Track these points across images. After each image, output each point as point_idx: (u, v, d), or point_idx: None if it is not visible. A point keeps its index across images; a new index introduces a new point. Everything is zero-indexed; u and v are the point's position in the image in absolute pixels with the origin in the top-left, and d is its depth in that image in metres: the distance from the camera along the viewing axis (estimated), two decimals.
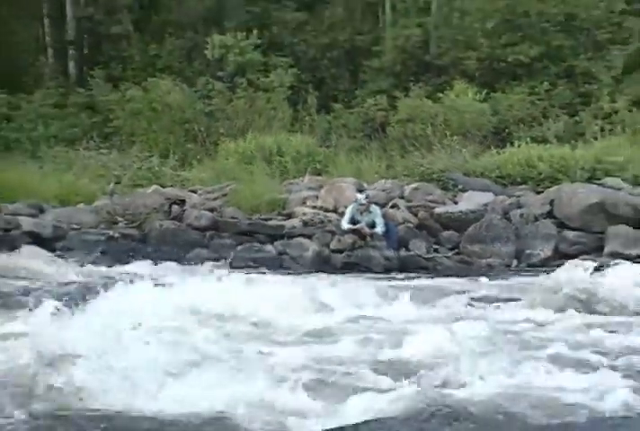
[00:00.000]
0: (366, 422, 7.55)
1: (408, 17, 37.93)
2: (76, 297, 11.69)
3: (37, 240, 21.97)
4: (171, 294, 12.58)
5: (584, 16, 35.59)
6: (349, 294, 14.01)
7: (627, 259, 17.86)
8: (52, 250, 21.00)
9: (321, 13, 39.45)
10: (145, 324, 10.32)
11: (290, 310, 12.67)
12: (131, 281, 12.80)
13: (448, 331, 10.67)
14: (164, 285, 13.29)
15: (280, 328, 11.66)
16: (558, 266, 16.92)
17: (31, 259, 18.95)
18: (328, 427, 7.54)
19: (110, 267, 18.50)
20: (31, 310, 10.95)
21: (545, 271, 17.30)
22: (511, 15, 35.79)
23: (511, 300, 14.47)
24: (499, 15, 35.83)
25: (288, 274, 18.29)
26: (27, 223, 23.00)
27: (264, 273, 17.37)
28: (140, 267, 18.73)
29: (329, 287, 14.64)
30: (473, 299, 14.07)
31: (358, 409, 7.95)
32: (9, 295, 13.56)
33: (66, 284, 15.41)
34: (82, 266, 18.96)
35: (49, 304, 10.71)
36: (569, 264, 15.52)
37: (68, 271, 17.76)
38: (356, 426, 7.46)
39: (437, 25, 37.18)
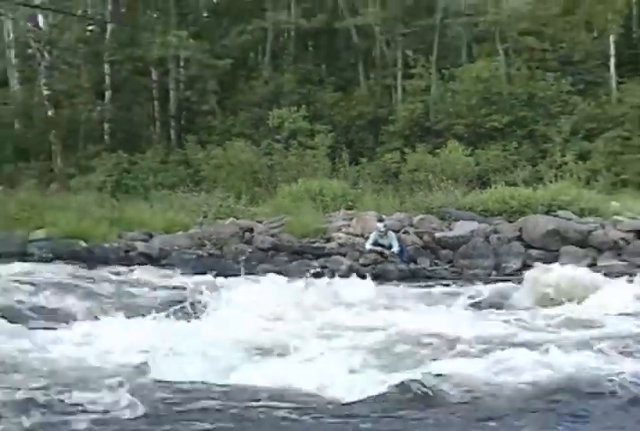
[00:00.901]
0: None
1: (414, 96, 38.15)
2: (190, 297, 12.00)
3: (148, 258, 22.48)
4: (269, 294, 12.68)
5: (542, 95, 35.92)
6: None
7: None
8: (159, 265, 21.44)
9: (351, 93, 39.71)
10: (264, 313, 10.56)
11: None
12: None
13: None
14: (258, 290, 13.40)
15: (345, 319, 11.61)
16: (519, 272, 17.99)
17: (145, 272, 19.27)
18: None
19: (200, 275, 18.61)
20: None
21: (515, 279, 17.98)
22: (488, 94, 36.13)
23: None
24: (479, 94, 36.12)
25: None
26: (141, 246, 23.51)
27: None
28: (221, 277, 18.78)
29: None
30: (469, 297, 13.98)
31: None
32: (148, 297, 13.38)
33: (174, 287, 15.61)
34: (182, 274, 19.23)
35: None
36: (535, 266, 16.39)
37: (173, 279, 18.00)
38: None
39: (435, 101, 37.39)
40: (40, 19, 39.85)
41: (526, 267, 21.38)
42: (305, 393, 7.60)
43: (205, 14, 44.52)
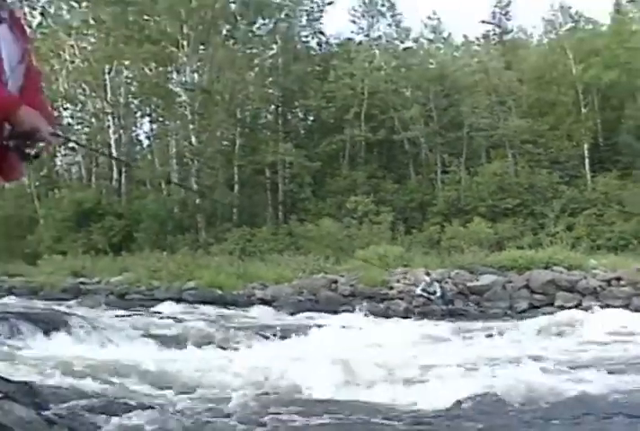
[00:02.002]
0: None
1: (450, 186, 38.15)
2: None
3: (264, 302, 22.56)
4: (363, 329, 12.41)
5: (539, 184, 36.23)
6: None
7: (568, 308, 19.42)
8: (272, 307, 21.47)
9: (405, 184, 39.76)
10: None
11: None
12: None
13: None
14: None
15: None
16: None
17: (262, 311, 19.30)
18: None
19: (300, 314, 18.52)
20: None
21: (525, 316, 17.85)
22: (501, 184, 36.16)
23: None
24: (495, 185, 36.11)
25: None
26: (259, 293, 23.74)
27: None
28: (316, 314, 18.69)
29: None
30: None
31: None
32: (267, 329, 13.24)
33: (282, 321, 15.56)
34: (290, 315, 19.11)
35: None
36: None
37: (283, 317, 17.96)
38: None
39: (464, 190, 37.29)
40: (193, 139, 40.31)
41: (532, 307, 21.54)
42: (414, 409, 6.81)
43: (302, 131, 44.79)
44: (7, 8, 3.70)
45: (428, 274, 23.36)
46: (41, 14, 45.25)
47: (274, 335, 11.25)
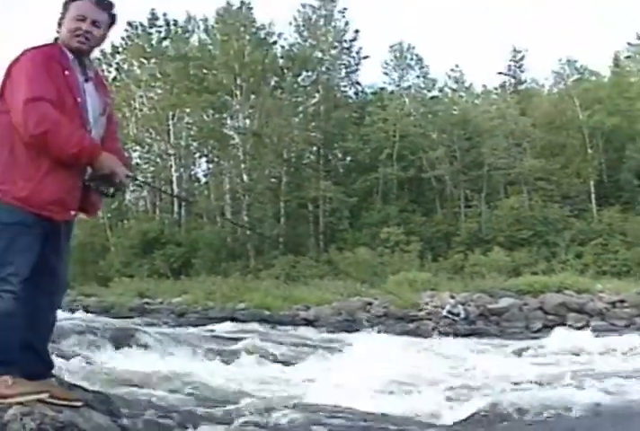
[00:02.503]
0: None
1: (472, 218, 37.96)
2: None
3: (307, 322, 22.50)
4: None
5: (551, 217, 35.91)
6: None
7: (578, 328, 19.18)
8: (313, 326, 21.37)
9: (432, 217, 39.66)
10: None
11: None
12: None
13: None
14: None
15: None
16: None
17: (305, 330, 19.16)
18: None
19: (340, 333, 18.35)
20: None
21: (539, 335, 17.61)
22: (518, 217, 36.01)
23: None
24: (513, 217, 35.96)
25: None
26: (302, 314, 23.75)
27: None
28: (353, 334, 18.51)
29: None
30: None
31: None
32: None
33: (324, 340, 15.38)
34: (330, 333, 18.95)
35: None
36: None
37: (324, 335, 17.78)
38: None
39: (485, 222, 37.13)
40: (245, 177, 40.64)
41: (545, 327, 21.28)
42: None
43: (341, 170, 44.91)
44: (94, 68, 3.86)
45: (453, 297, 23.28)
46: (116, 70, 46.22)
47: (318, 351, 11.26)
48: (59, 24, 3.76)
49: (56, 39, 3.77)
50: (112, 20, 3.86)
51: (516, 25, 71.24)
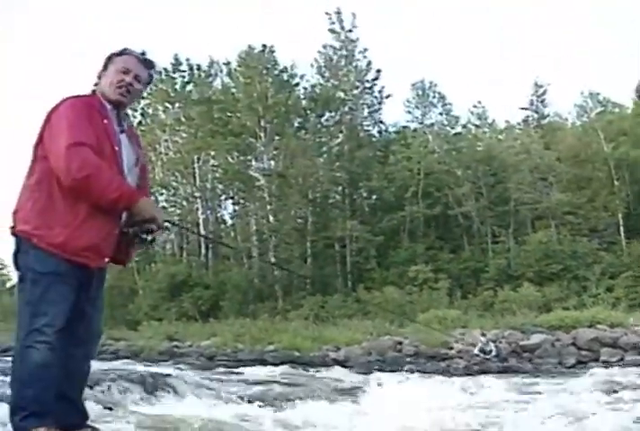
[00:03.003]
0: None
1: (500, 254, 37.76)
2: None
3: (337, 362, 22.33)
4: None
5: (580, 251, 35.64)
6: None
7: (612, 363, 19.24)
8: (344, 367, 21.17)
9: (459, 254, 39.49)
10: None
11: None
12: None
13: None
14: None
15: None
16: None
17: (335, 371, 19.03)
18: None
19: (371, 374, 18.24)
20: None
21: (573, 371, 17.39)
22: (546, 251, 35.74)
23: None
24: (541, 251, 35.65)
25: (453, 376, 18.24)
26: (332, 354, 23.55)
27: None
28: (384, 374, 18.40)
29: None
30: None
31: None
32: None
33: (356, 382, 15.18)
34: (361, 374, 18.75)
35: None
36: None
37: (355, 376, 17.63)
38: None
39: (513, 257, 36.88)
40: (271, 217, 40.84)
41: (579, 362, 21.00)
42: None
43: (367, 209, 44.95)
44: (128, 121, 3.97)
45: (484, 334, 23.01)
46: (141, 115, 46.84)
47: (348, 393, 11.19)
48: (99, 76, 3.88)
49: (93, 90, 3.88)
50: (150, 78, 3.99)
51: (537, 60, 71.96)
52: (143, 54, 3.96)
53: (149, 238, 3.86)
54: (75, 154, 3.52)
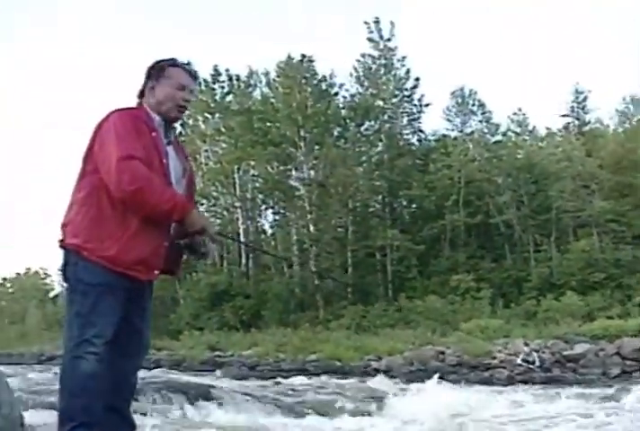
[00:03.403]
0: None
1: (542, 263, 37.33)
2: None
3: (378, 372, 22.04)
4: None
5: (623, 259, 35.08)
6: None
7: None
8: (388, 376, 20.92)
9: (501, 263, 39.24)
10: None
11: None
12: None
13: None
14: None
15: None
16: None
17: (378, 381, 18.88)
18: None
19: (414, 383, 18.10)
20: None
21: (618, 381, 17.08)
22: (589, 260, 35.35)
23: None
24: (584, 260, 35.26)
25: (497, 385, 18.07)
26: (374, 364, 23.53)
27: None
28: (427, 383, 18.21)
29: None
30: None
31: None
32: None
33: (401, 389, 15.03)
34: (404, 383, 18.57)
35: None
36: None
37: (394, 386, 17.50)
38: None
39: (556, 266, 36.45)
40: (311, 227, 40.93)
41: (624, 372, 20.63)
42: None
43: (407, 218, 44.85)
44: (174, 133, 4.01)
45: (527, 344, 22.88)
46: (181, 125, 47.16)
47: (389, 403, 11.12)
48: (151, 87, 3.89)
49: (139, 102, 3.92)
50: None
51: (577, 65, 71.12)
52: (188, 64, 3.99)
53: (202, 250, 3.88)
54: (127, 167, 3.54)
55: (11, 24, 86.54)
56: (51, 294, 61.80)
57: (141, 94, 3.94)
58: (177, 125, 4.13)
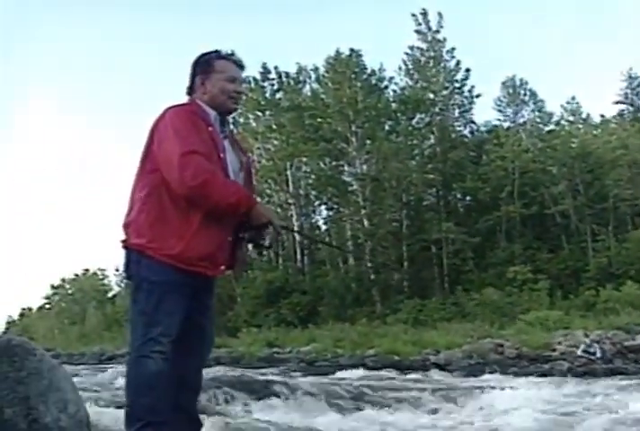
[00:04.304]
0: None
1: (600, 253, 36.64)
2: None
3: (437, 366, 21.97)
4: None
5: None
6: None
7: None
8: (445, 370, 20.87)
9: (557, 253, 38.76)
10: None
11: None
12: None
13: None
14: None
15: None
16: None
17: (440, 376, 18.72)
18: None
19: (473, 377, 17.95)
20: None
21: None
22: None
23: None
24: None
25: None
26: (432, 358, 23.31)
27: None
28: (488, 376, 18.07)
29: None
30: None
31: None
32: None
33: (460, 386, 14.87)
34: (463, 377, 18.42)
35: None
36: None
37: (458, 379, 17.34)
38: None
39: (614, 255, 35.79)
40: (365, 222, 40.86)
41: None
42: None
43: (462, 210, 44.54)
44: (228, 126, 3.98)
45: (587, 336, 22.49)
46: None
47: (452, 397, 11.00)
48: (201, 82, 3.87)
49: (191, 98, 3.90)
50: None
51: (630, 51, 69.75)
52: (233, 54, 3.95)
53: (267, 243, 3.85)
54: (190, 162, 3.52)
55: None
56: (110, 295, 62.68)
57: (190, 90, 3.93)
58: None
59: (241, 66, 3.96)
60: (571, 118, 47.30)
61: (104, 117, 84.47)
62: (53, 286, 69.60)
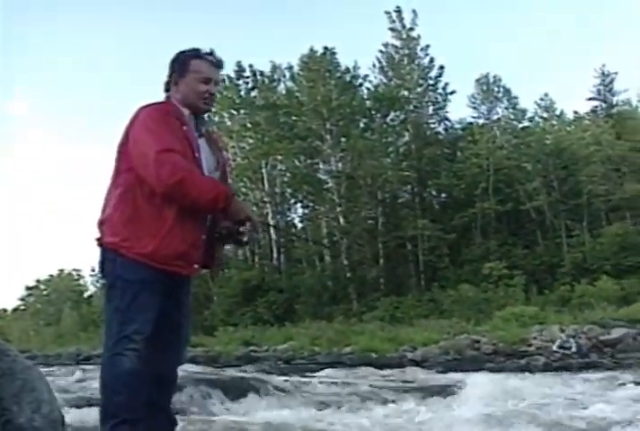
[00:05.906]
0: None
1: (575, 248, 37.01)
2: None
3: (414, 363, 22.04)
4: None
5: None
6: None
7: None
8: (421, 367, 20.87)
9: (533, 249, 39.02)
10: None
11: None
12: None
13: None
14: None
15: None
16: None
17: (413, 372, 18.74)
18: None
19: (450, 373, 17.99)
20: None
21: None
22: (623, 244, 34.86)
23: None
24: (618, 244, 34.79)
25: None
26: (410, 355, 23.54)
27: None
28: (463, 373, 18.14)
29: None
30: None
31: None
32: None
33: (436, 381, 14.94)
34: (440, 374, 18.44)
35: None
36: None
37: (434, 376, 17.37)
38: None
39: (588, 250, 36.14)
40: (341, 219, 40.93)
41: None
42: None
43: (437, 207, 44.71)
44: (207, 125, 3.98)
45: (562, 330, 22.68)
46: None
47: (429, 393, 11.04)
48: (175, 82, 3.86)
49: (167, 96, 3.89)
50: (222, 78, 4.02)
51: (602, 48, 70.37)
52: (211, 53, 3.93)
53: (244, 239, 3.86)
54: (166, 160, 3.51)
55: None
56: (86, 295, 62.29)
57: (167, 87, 3.93)
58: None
59: (218, 66, 3.94)
60: (544, 115, 47.59)
61: (104, 116, 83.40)
62: (28, 287, 68.99)
